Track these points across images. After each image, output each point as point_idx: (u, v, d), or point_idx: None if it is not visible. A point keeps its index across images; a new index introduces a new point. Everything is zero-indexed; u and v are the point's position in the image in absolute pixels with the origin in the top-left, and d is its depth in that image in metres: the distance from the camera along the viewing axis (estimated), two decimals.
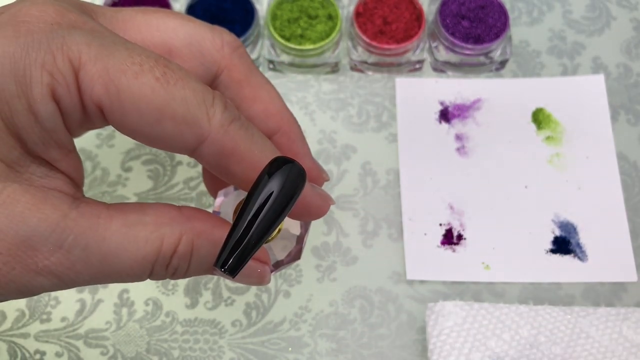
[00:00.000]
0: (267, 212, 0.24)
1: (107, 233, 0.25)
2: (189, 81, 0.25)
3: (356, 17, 0.49)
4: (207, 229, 0.27)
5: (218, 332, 0.43)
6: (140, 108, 0.24)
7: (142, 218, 0.26)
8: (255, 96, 0.32)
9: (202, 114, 0.25)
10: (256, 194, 0.24)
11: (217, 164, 0.27)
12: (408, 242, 0.45)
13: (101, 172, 0.47)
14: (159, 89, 0.24)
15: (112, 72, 0.24)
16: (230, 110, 0.26)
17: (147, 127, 0.25)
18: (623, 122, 0.49)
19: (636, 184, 0.47)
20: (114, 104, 0.24)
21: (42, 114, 0.24)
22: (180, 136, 0.25)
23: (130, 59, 0.24)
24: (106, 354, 0.42)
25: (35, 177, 0.25)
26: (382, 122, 0.49)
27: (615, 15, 0.53)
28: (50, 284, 0.25)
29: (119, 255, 0.25)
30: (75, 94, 0.24)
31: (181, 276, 0.28)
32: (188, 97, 0.25)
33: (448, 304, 0.41)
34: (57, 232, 0.24)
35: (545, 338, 0.40)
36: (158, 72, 0.25)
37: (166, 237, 0.26)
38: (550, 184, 0.47)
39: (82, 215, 0.25)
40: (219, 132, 0.25)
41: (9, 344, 0.42)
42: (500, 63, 0.50)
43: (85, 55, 0.24)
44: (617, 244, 0.45)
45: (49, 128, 0.24)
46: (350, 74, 0.50)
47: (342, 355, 0.42)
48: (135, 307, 0.43)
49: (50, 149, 0.25)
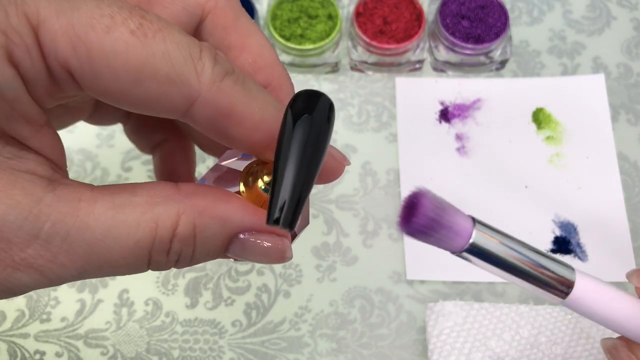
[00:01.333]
0: (308, 148, 0.21)
1: (90, 218, 0.22)
2: (171, 32, 0.22)
3: (356, 17, 0.49)
4: (210, 205, 0.23)
5: (218, 332, 0.43)
6: (115, 68, 0.21)
7: (132, 198, 0.23)
8: (242, 44, 0.28)
9: (189, 70, 0.22)
10: (288, 134, 0.21)
11: (212, 126, 0.23)
12: (408, 242, 0.45)
13: (101, 172, 0.47)
14: (135, 44, 0.21)
15: (79, 28, 0.21)
16: (222, 62, 0.23)
17: (126, 90, 0.22)
18: (623, 122, 0.49)
19: (636, 184, 0.47)
20: (83, 65, 0.21)
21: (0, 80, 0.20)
22: (165, 98, 0.22)
23: (99, 10, 0.21)
24: (106, 354, 0.42)
25: (2, 158, 0.22)
26: (382, 122, 0.49)
27: (615, 15, 0.53)
28: (31, 280, 0.22)
29: (106, 243, 0.22)
30: (37, 55, 0.21)
31: (187, 263, 0.24)
32: (171, 51, 0.21)
33: (448, 304, 0.41)
34: (31, 219, 0.21)
35: (546, 338, 0.40)
36: (133, 24, 0.21)
37: (161, 218, 0.23)
38: (550, 183, 0.47)
39: (60, 199, 0.22)
40: (210, 89, 0.22)
41: (8, 344, 0.42)
42: (500, 63, 0.50)
43: (45, 9, 0.20)
44: (618, 243, 0.45)
45: (9, 98, 0.21)
46: (350, 74, 0.50)
47: (342, 355, 0.42)
48: (135, 307, 0.43)
49: (15, 123, 0.22)
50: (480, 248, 0.25)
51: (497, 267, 0.26)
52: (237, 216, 0.24)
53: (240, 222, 0.24)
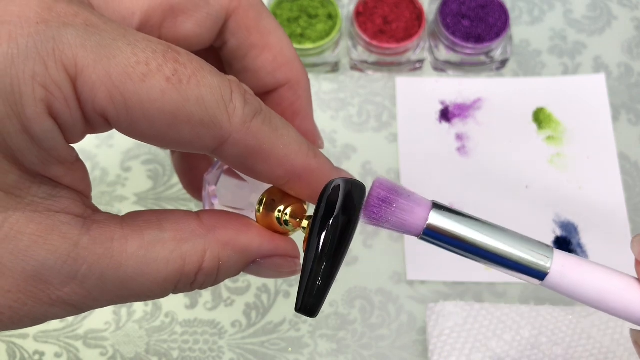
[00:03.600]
0: (337, 245, 0.24)
1: (123, 258, 0.23)
2: (204, 75, 0.22)
3: (356, 17, 0.48)
4: (232, 237, 0.25)
5: (218, 333, 0.43)
6: (151, 115, 0.21)
7: (160, 235, 0.24)
8: (264, 44, 0.29)
9: (221, 113, 0.22)
10: (318, 229, 0.24)
11: (240, 163, 0.24)
12: (408, 242, 0.45)
13: (101, 172, 0.46)
14: (170, 91, 0.21)
15: (116, 77, 0.21)
16: (251, 102, 0.23)
17: (161, 134, 0.22)
18: (624, 122, 0.49)
19: (637, 184, 0.47)
20: (120, 113, 0.21)
21: (39, 133, 0.21)
22: (198, 139, 0.23)
23: (134, 57, 0.21)
24: (105, 355, 0.42)
25: (38, 200, 0.22)
26: (382, 121, 0.49)
27: (616, 14, 0.52)
28: (65, 312, 0.23)
29: (137, 279, 0.23)
30: (75, 106, 0.21)
31: (209, 287, 0.26)
32: (205, 95, 0.22)
33: (449, 305, 0.41)
34: (69, 263, 0.22)
35: (547, 338, 0.40)
36: (168, 70, 0.21)
37: (188, 255, 0.24)
38: (551, 183, 0.47)
39: (95, 242, 0.23)
40: (241, 130, 0.23)
41: (8, 344, 0.42)
42: (500, 62, 0.50)
43: (82, 59, 0.20)
44: (618, 244, 0.45)
45: (47, 147, 0.21)
46: (350, 74, 0.50)
47: (342, 356, 0.42)
48: (134, 308, 0.43)
49: (51, 166, 0.22)
50: (440, 229, 0.25)
51: (461, 249, 0.25)
52: (256, 245, 0.26)
53: (259, 250, 0.26)
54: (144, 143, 0.24)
